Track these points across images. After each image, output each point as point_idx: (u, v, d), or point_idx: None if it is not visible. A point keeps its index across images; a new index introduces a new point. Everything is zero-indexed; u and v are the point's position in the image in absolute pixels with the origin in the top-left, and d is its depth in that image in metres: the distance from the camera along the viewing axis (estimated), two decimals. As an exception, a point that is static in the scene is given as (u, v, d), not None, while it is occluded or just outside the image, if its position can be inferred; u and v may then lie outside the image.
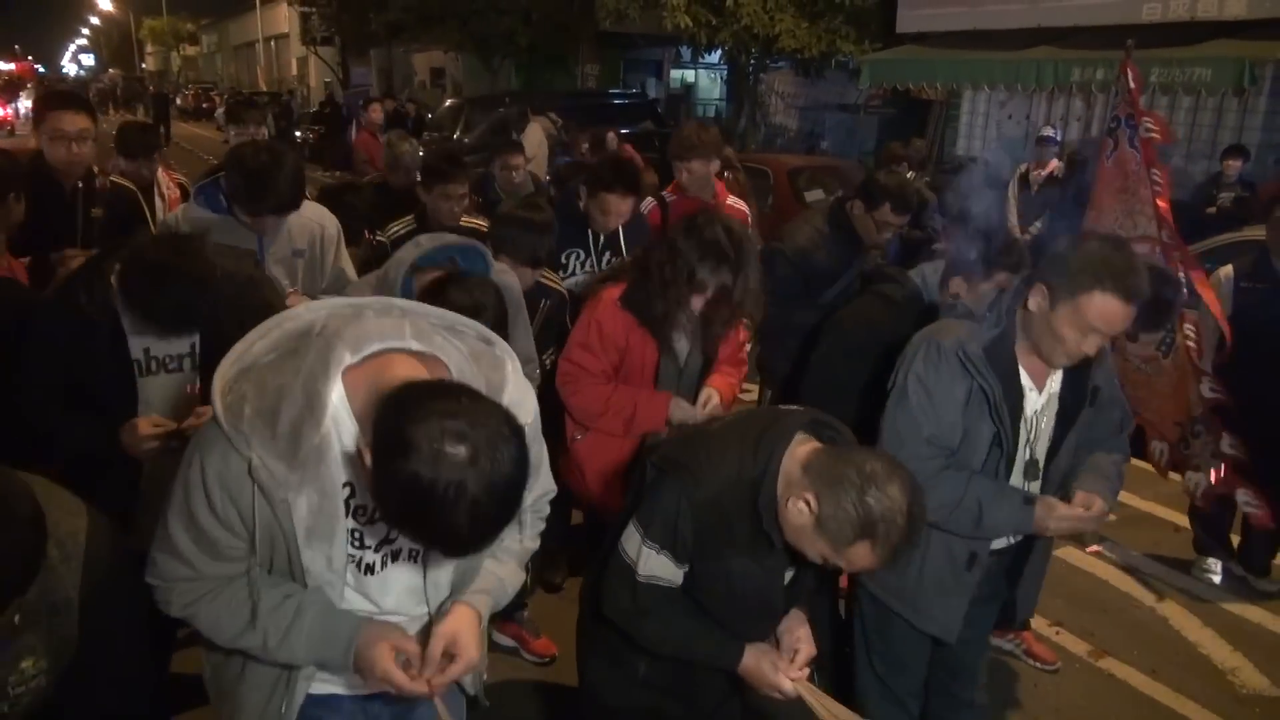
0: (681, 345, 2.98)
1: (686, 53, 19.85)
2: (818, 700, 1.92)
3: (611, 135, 8.18)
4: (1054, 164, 8.34)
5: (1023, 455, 2.38)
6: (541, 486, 1.80)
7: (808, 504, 1.76)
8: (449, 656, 1.58)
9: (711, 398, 3.03)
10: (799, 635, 2.02)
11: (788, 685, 1.93)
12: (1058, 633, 3.92)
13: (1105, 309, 2.11)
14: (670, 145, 4.63)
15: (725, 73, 19.58)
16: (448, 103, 17.98)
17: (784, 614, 2.06)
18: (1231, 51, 8.79)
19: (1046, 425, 2.39)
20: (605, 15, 16.49)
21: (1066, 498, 2.37)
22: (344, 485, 1.51)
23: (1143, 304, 2.17)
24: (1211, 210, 7.73)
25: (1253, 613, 4.25)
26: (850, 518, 1.70)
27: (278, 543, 1.51)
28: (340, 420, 1.47)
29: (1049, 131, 9.33)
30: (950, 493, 2.28)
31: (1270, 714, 3.54)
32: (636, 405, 2.93)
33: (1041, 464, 2.42)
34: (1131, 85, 4.52)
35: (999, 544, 2.47)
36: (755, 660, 1.95)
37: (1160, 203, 4.08)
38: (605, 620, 2.05)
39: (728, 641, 1.98)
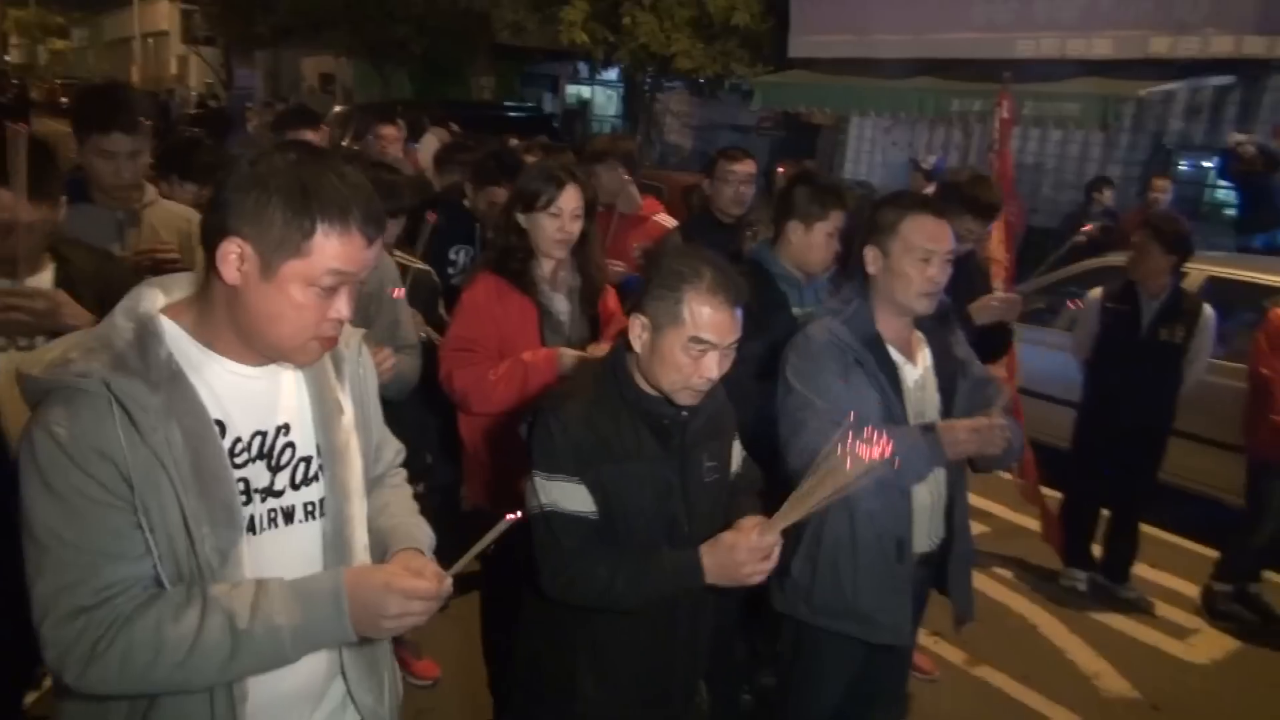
0: (560, 305, 2.82)
1: (584, 69, 19.90)
2: (795, 509, 1.76)
3: (518, 143, 8.10)
4: (930, 189, 8.65)
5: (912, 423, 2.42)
6: (392, 448, 1.77)
7: (643, 325, 1.89)
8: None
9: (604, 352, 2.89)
10: (754, 521, 1.91)
11: (758, 538, 1.82)
12: (936, 643, 4.03)
13: (924, 227, 2.33)
14: (580, 154, 4.63)
15: (622, 90, 19.71)
16: (336, 109, 17.54)
17: (697, 532, 1.96)
18: (1097, 89, 9.31)
19: (930, 399, 2.45)
20: (502, 27, 16.37)
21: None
22: (214, 422, 1.37)
23: (969, 205, 2.94)
24: (1080, 238, 8.15)
25: (1114, 619, 4.46)
26: (666, 289, 1.86)
27: (165, 497, 1.29)
28: (184, 349, 1.37)
29: (932, 159, 9.71)
30: None
31: (1130, 716, 3.72)
32: (526, 367, 2.70)
33: None
34: (1005, 115, 4.74)
35: (922, 546, 2.49)
36: (713, 548, 1.86)
37: (1009, 232, 4.32)
38: (537, 650, 1.99)
39: (679, 553, 1.90)
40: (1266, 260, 6.31)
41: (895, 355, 2.41)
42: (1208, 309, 4.42)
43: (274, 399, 1.45)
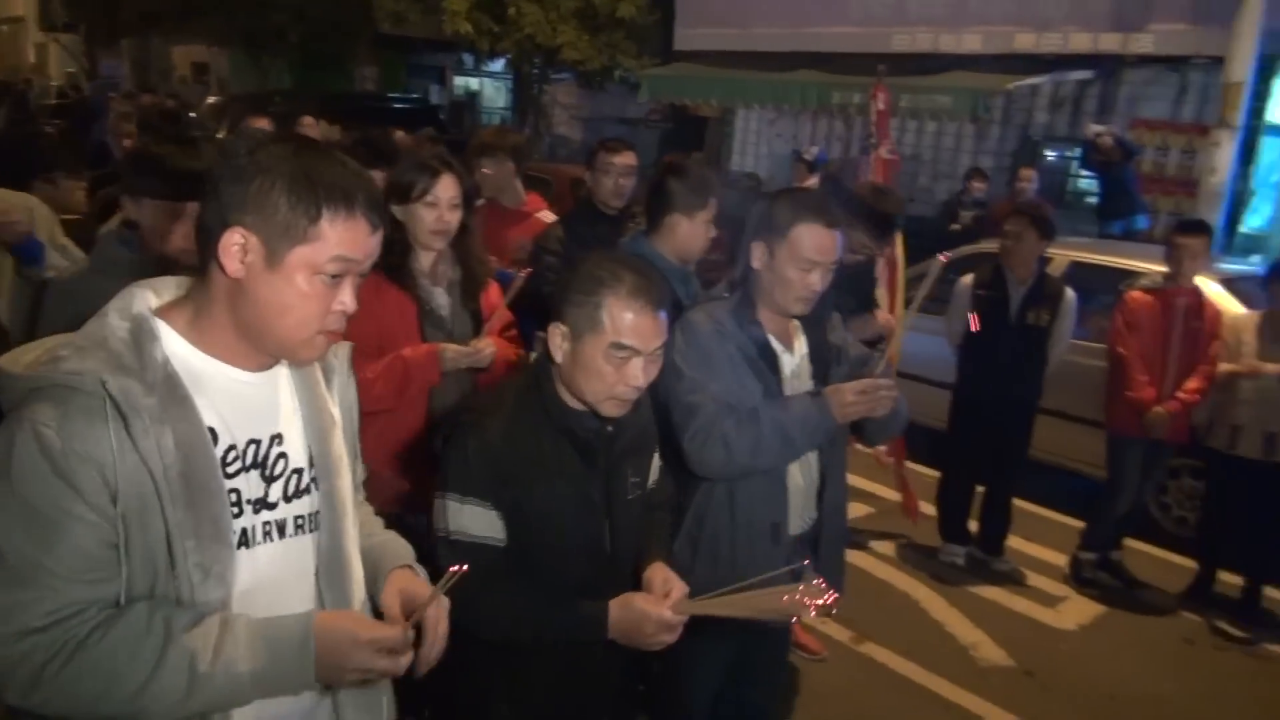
0: (440, 299, 2.76)
1: (471, 61, 19.62)
2: (713, 605, 1.75)
3: (403, 135, 7.92)
4: (812, 181, 8.86)
5: None
6: (360, 464, 1.66)
7: (562, 335, 1.82)
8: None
9: (487, 346, 2.78)
10: (665, 576, 1.89)
11: (670, 615, 1.78)
12: (824, 623, 4.13)
13: (813, 238, 2.31)
14: (467, 147, 4.55)
15: (511, 82, 19.51)
16: (210, 100, 16.84)
17: (619, 551, 1.94)
18: (967, 82, 9.69)
19: (806, 386, 2.49)
20: (384, 16, 15.99)
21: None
22: (207, 429, 1.30)
23: (868, 219, 2.72)
24: (956, 227, 8.47)
25: (990, 591, 4.66)
26: (584, 295, 1.79)
27: (149, 509, 1.21)
28: (179, 352, 1.30)
29: (814, 150, 9.93)
30: (751, 429, 2.30)
31: (1006, 683, 3.89)
32: (406, 364, 2.63)
33: None
34: (881, 107, 4.89)
35: (797, 528, 2.53)
36: (623, 610, 1.80)
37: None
38: (450, 677, 1.87)
39: (587, 606, 1.82)
40: (1124, 245, 6.68)
41: (774, 344, 2.46)
42: (1069, 292, 4.65)
43: (270, 406, 1.40)
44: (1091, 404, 4.99)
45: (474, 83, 23.21)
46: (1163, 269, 4.54)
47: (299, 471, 1.42)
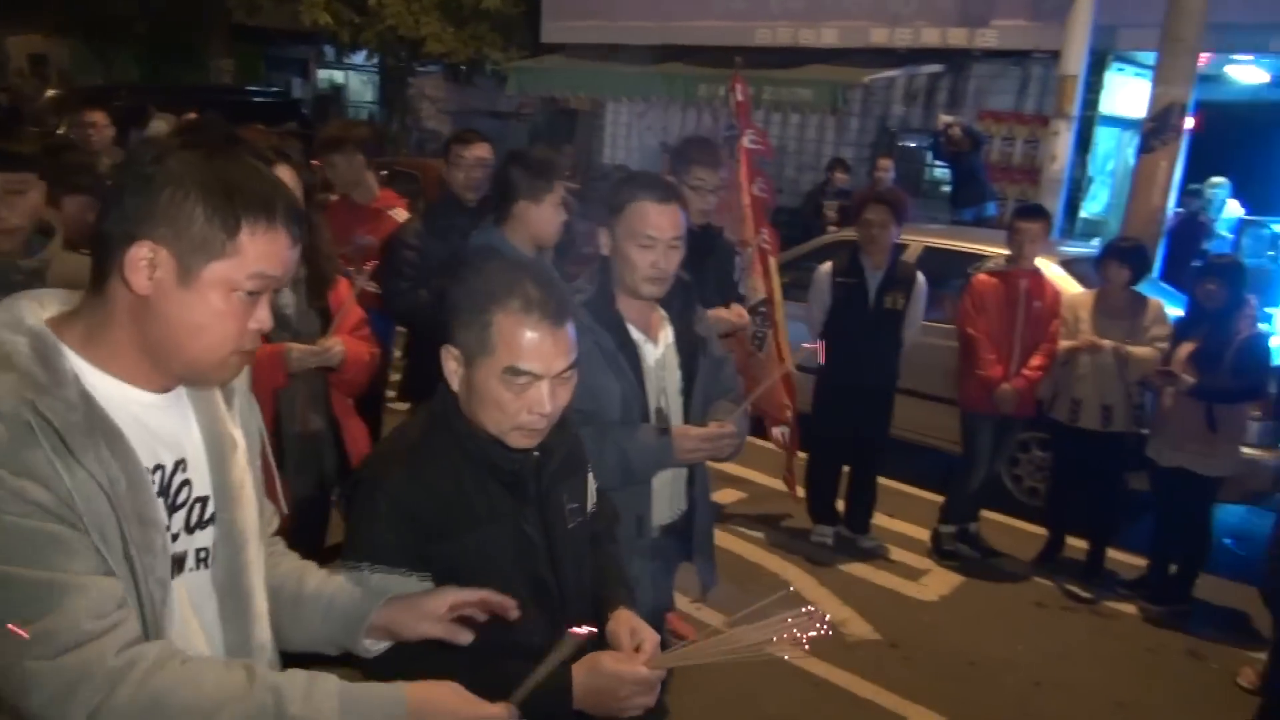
0: (284, 297, 2.67)
1: (333, 52, 19.00)
2: (693, 654, 1.51)
3: (261, 130, 7.59)
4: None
5: (652, 407, 2.46)
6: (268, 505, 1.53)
7: (455, 359, 1.59)
8: None
9: (336, 345, 2.72)
10: (632, 626, 1.66)
11: (647, 672, 1.53)
12: (699, 609, 4.17)
13: (648, 213, 2.29)
14: (315, 141, 4.41)
15: (378, 76, 19.00)
16: (50, 94, 15.78)
17: (567, 591, 1.71)
18: (826, 75, 9.96)
19: (672, 378, 2.49)
20: (237, 6, 15.31)
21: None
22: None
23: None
24: (830, 220, 8.70)
25: (857, 568, 4.81)
26: (472, 313, 1.56)
27: (108, 525, 1.13)
28: (79, 369, 1.18)
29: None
30: (594, 447, 2.25)
31: (871, 655, 4.02)
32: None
33: (673, 416, 2.49)
34: (740, 99, 4.95)
35: (664, 518, 2.53)
36: (590, 674, 1.54)
37: (758, 209, 4.51)
38: None
39: (550, 672, 1.48)
40: (974, 231, 6.99)
41: (636, 334, 2.44)
42: (920, 276, 4.83)
43: (173, 431, 1.28)
44: (945, 383, 5.21)
45: (339, 76, 22.51)
46: (1006, 252, 4.76)
47: (202, 501, 1.31)
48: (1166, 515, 4.63)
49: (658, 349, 2.48)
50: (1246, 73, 9.83)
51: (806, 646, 1.44)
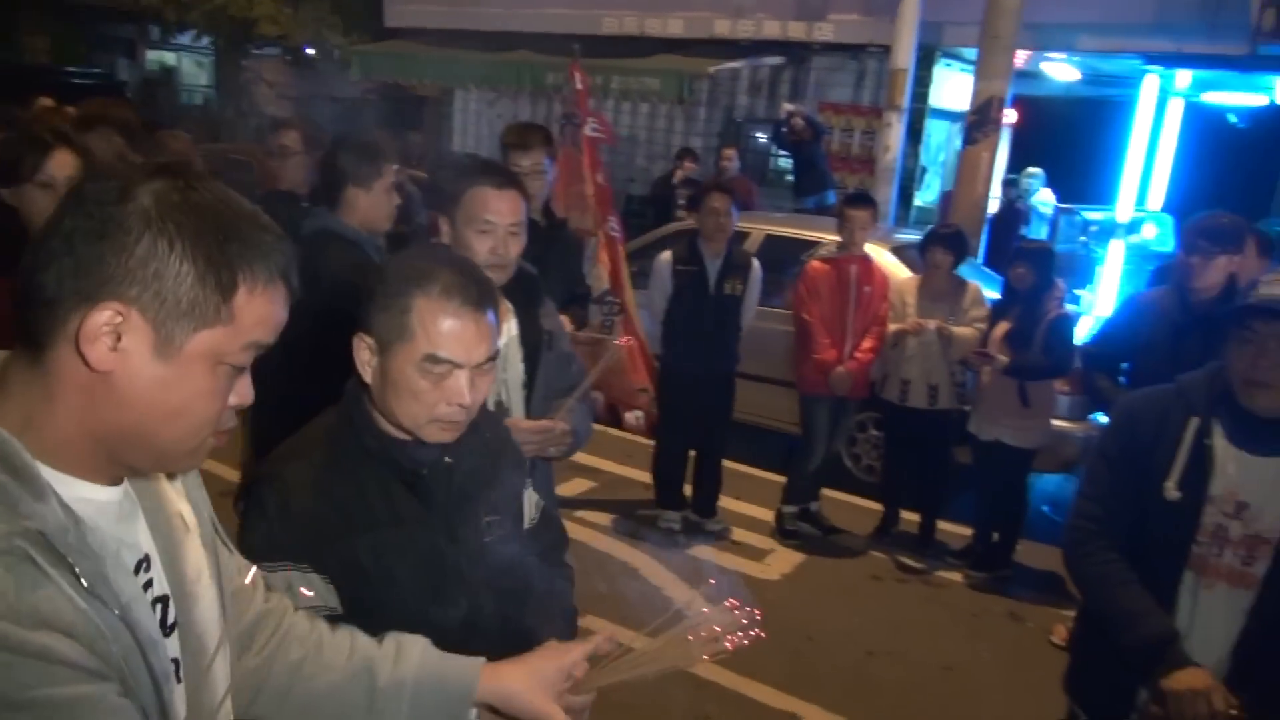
0: None
1: (161, 32, 17.91)
2: (620, 670, 1.40)
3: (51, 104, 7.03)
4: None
5: (493, 399, 2.43)
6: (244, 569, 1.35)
7: (369, 348, 1.50)
8: None
9: None
10: (559, 663, 1.43)
11: (574, 700, 1.40)
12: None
13: (485, 199, 2.25)
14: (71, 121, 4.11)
15: (213, 58, 18.03)
16: None
17: (482, 611, 1.59)
18: (673, 65, 10.08)
19: (514, 371, 2.46)
20: (50, -20, 14.22)
21: None
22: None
23: None
24: (680, 210, 8.79)
25: (703, 551, 4.90)
26: (390, 298, 1.48)
27: (133, 657, 0.93)
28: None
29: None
30: None
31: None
32: None
33: (514, 409, 2.46)
34: (579, 87, 4.93)
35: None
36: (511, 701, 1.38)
37: (603, 197, 4.51)
38: None
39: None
40: (813, 219, 7.20)
41: None
42: (755, 263, 4.94)
43: (132, 526, 1.04)
44: (785, 367, 5.35)
45: (170, 57, 21.27)
46: (838, 239, 4.93)
47: (163, 601, 1.06)
48: (987, 487, 4.91)
49: (500, 338, 2.44)
50: (1061, 70, 10.52)
51: (730, 648, 1.39)
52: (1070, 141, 11.41)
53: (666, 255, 4.95)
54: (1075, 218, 9.77)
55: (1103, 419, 5.16)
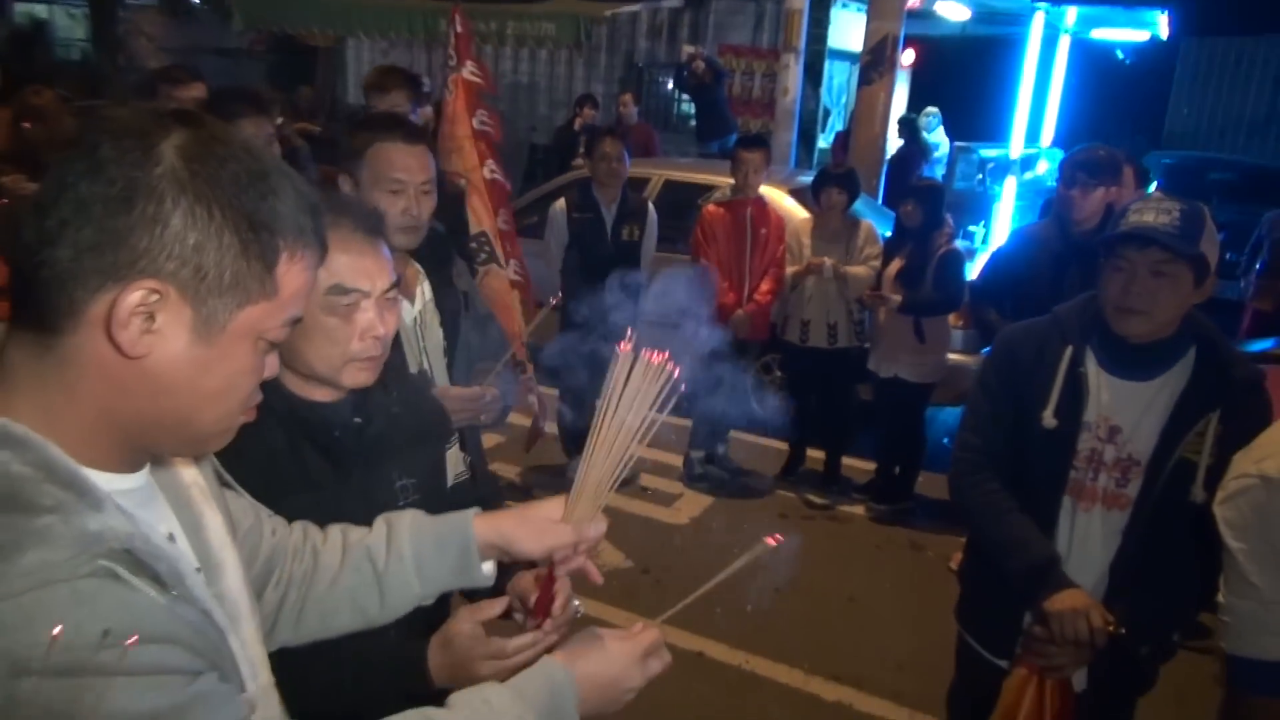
0: None
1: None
2: (592, 489, 1.32)
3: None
4: (426, 112, 8.59)
5: (414, 366, 2.33)
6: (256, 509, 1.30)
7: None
8: None
9: None
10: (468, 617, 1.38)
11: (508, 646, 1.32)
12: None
13: (392, 155, 2.12)
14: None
15: (87, 9, 16.96)
16: None
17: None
18: (569, 9, 9.84)
19: (433, 337, 2.36)
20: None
21: None
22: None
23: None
24: (579, 161, 8.65)
25: (613, 500, 4.83)
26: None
27: (224, 658, 0.90)
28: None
29: (426, 82, 9.60)
30: None
31: (625, 583, 4.10)
32: None
33: (437, 377, 2.35)
34: (459, 30, 4.74)
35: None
36: (444, 649, 1.34)
37: (485, 143, 4.36)
38: None
39: (394, 651, 1.37)
40: (712, 164, 7.16)
41: None
42: (651, 208, 4.89)
43: (158, 508, 0.98)
44: (688, 313, 5.32)
45: (42, 10, 19.96)
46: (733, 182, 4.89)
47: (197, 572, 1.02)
48: (888, 422, 5.00)
49: (414, 307, 2.30)
50: (952, 9, 10.62)
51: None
52: (965, 80, 11.59)
53: (561, 203, 4.86)
54: (972, 156, 9.94)
55: (995, 351, 5.31)
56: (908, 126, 9.13)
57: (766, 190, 5.04)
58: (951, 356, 4.98)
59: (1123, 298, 1.95)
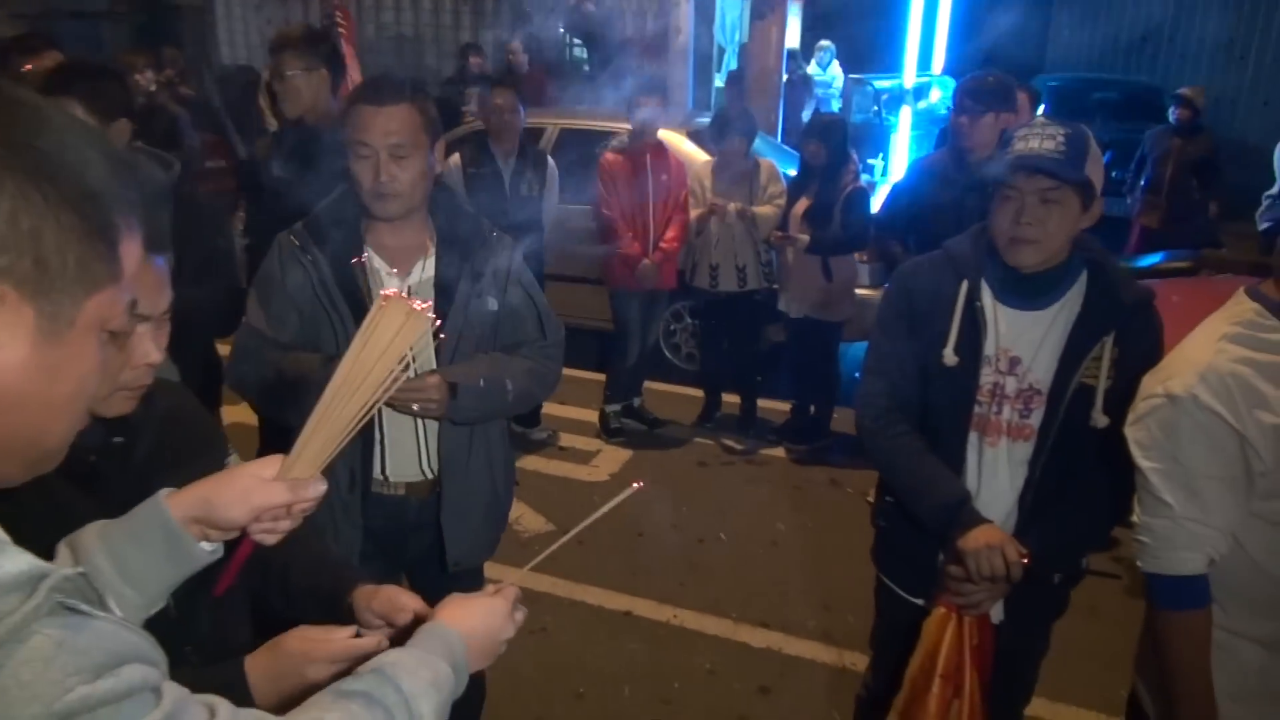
0: None
1: None
2: (318, 444, 1.16)
3: None
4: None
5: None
6: None
7: None
8: None
9: None
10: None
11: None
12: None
13: (359, 117, 2.05)
14: None
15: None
16: None
17: (190, 605, 1.31)
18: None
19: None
20: None
21: None
22: None
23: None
24: (468, 112, 8.35)
25: (530, 461, 4.81)
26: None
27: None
28: None
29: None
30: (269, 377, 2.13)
31: (544, 545, 4.03)
32: None
33: (423, 363, 2.17)
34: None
35: (403, 475, 2.26)
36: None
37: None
38: None
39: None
40: (608, 110, 6.99)
41: (376, 263, 2.15)
42: (551, 161, 4.75)
43: None
44: (591, 264, 5.24)
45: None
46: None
47: None
48: (801, 362, 5.01)
49: (404, 281, 2.15)
50: (841, -61, 10.55)
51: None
52: (857, 12, 11.57)
53: (455, 159, 4.67)
54: (866, 88, 9.96)
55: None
56: (791, 60, 9.07)
57: (665, 134, 4.94)
58: (859, 292, 5.01)
59: (1013, 228, 1.93)
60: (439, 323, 2.08)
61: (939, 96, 10.45)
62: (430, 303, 1.08)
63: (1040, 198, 1.89)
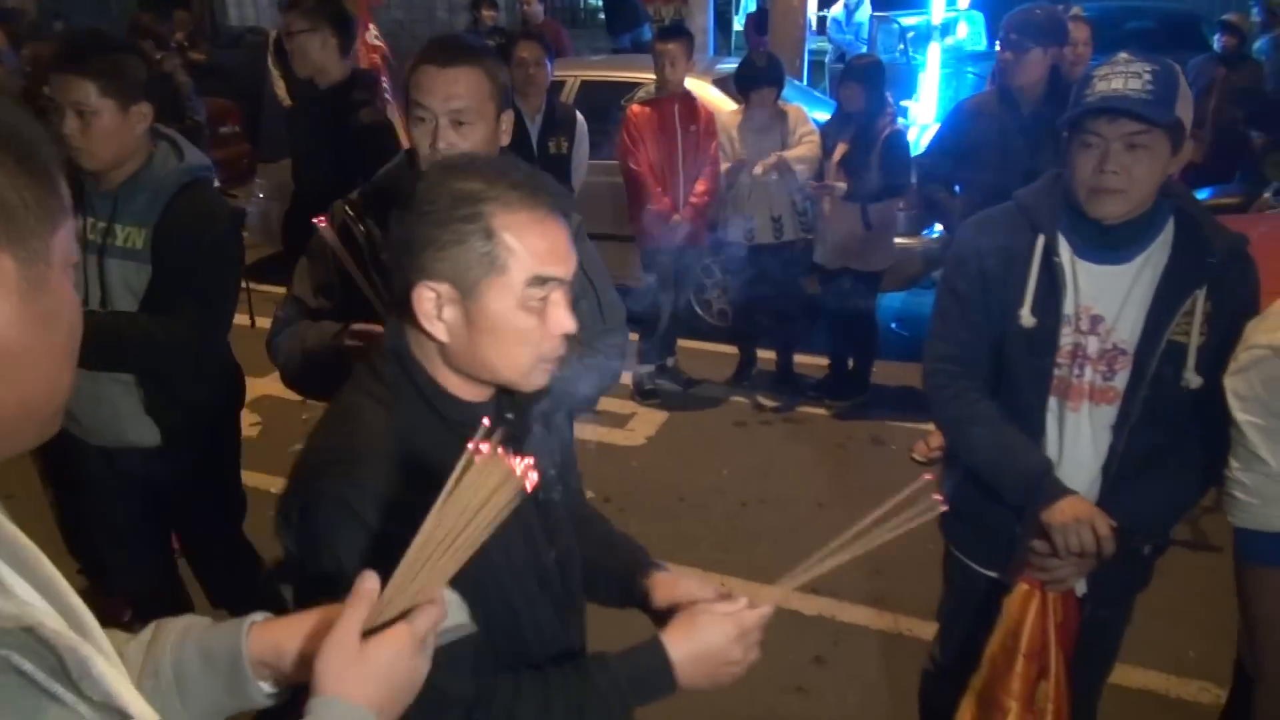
0: None
1: None
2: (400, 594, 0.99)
3: None
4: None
5: None
6: None
7: (440, 298, 1.17)
8: None
9: None
10: (671, 584, 1.43)
11: (757, 614, 1.32)
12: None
13: (419, 79, 1.87)
14: None
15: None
16: None
17: (569, 579, 1.40)
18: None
19: None
20: None
21: None
22: None
23: None
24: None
25: (564, 427, 4.71)
26: (458, 223, 1.15)
27: None
28: None
29: None
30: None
31: (587, 515, 3.97)
32: None
33: None
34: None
35: None
36: (689, 640, 1.28)
37: (374, 56, 4.03)
38: None
39: (627, 656, 1.28)
40: (630, 58, 6.79)
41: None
42: (580, 117, 4.57)
43: None
44: (620, 221, 5.08)
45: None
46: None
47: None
48: (839, 315, 4.86)
49: None
50: None
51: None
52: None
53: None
54: (891, 25, 9.63)
55: (939, 229, 5.17)
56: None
57: (691, 83, 4.75)
58: (897, 241, 4.84)
59: (1097, 178, 1.77)
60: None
61: (966, 32, 10.11)
62: (531, 460, 0.92)
63: (1126, 143, 1.73)
